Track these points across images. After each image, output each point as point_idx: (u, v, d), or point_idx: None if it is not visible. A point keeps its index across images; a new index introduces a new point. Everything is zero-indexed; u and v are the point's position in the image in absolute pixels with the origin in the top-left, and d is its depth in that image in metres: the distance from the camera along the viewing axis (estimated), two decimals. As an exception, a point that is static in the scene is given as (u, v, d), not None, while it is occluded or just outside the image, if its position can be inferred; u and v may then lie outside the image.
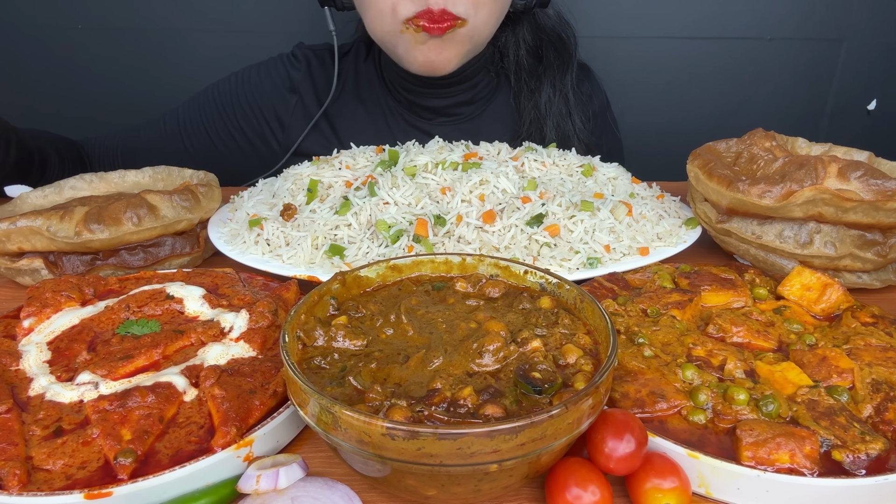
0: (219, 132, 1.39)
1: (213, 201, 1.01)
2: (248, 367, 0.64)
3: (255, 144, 1.40)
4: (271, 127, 1.38)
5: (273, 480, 0.53)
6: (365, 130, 1.36)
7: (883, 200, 0.81)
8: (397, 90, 1.34)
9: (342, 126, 1.37)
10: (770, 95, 1.93)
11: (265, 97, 1.37)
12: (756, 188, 0.85)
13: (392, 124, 1.36)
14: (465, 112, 1.36)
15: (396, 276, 0.71)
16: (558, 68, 1.35)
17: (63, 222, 0.87)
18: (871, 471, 0.53)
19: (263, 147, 1.40)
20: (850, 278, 0.89)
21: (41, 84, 1.82)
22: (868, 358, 0.66)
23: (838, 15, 1.83)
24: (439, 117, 1.36)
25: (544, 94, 1.34)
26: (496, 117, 1.38)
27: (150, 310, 0.74)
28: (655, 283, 0.81)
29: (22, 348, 0.68)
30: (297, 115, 1.37)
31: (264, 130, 1.39)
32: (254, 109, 1.37)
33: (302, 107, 1.37)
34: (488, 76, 1.36)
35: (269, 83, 1.37)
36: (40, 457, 0.54)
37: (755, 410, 0.58)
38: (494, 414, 0.50)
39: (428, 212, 0.91)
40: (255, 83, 1.37)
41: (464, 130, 1.35)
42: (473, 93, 1.34)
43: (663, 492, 0.52)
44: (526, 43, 1.35)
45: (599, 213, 0.93)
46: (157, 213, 0.91)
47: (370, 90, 1.37)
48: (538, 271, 0.69)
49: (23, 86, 1.82)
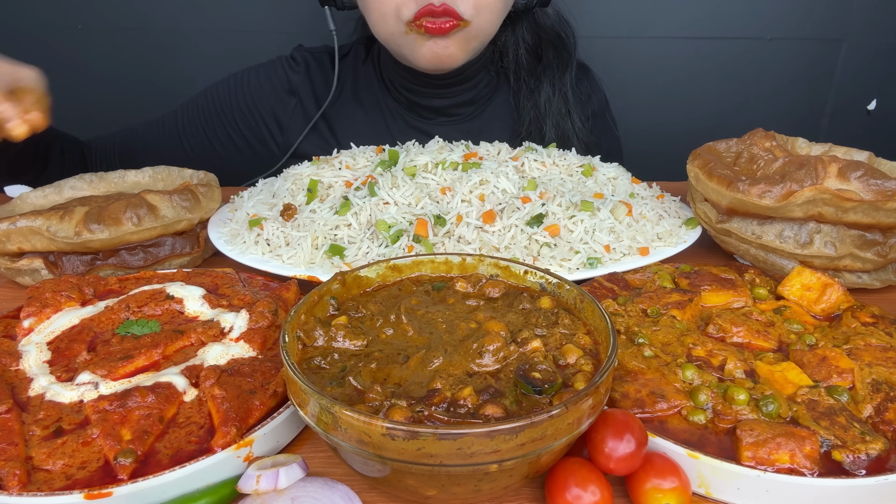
0: (217, 134, 1.39)
1: (213, 201, 1.01)
2: (248, 368, 0.64)
3: (254, 146, 1.40)
4: (270, 129, 1.39)
5: (273, 480, 0.53)
6: (364, 132, 1.36)
7: (883, 200, 0.81)
8: (398, 90, 1.34)
9: (341, 127, 1.37)
10: (770, 95, 1.93)
11: (264, 99, 1.37)
12: (756, 188, 0.85)
13: (391, 125, 1.37)
14: (465, 112, 1.36)
15: (396, 276, 0.71)
16: (557, 67, 1.35)
17: (63, 222, 0.87)
18: (871, 471, 0.53)
19: (262, 149, 1.40)
20: (850, 278, 0.89)
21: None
22: (868, 358, 0.66)
23: (838, 15, 1.83)
24: (439, 117, 1.36)
25: (544, 94, 1.34)
26: (496, 117, 1.38)
27: (150, 310, 0.74)
28: (655, 283, 0.81)
29: (22, 348, 0.68)
30: (296, 118, 1.37)
31: (263, 132, 1.39)
32: (252, 111, 1.38)
33: (301, 109, 1.37)
34: (488, 76, 1.36)
35: (267, 85, 1.38)
36: (40, 457, 0.54)
37: (755, 410, 0.58)
38: (494, 414, 0.50)
39: (428, 212, 0.91)
40: (253, 85, 1.38)
41: (464, 130, 1.35)
42: (474, 92, 1.35)
43: (663, 492, 0.52)
44: (525, 42, 1.35)
45: (599, 213, 0.93)
46: (157, 212, 0.91)
47: (369, 92, 1.38)
48: (538, 271, 0.69)
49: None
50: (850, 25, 1.84)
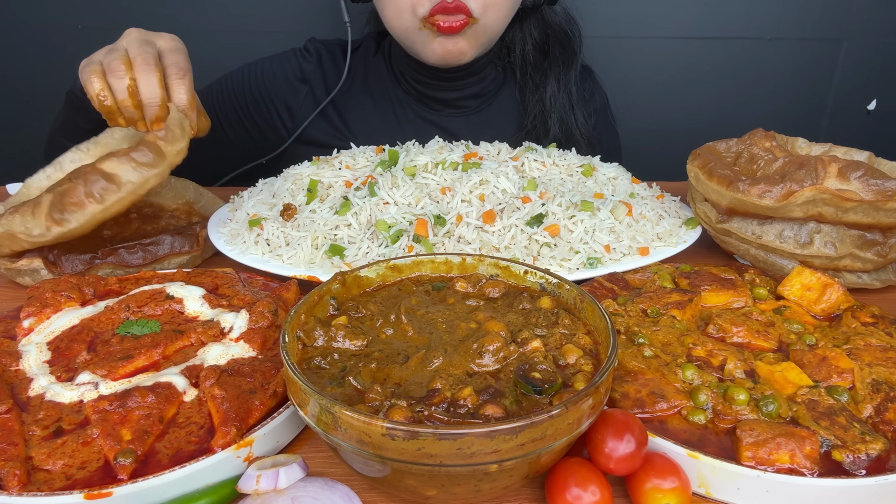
0: (230, 120, 1.41)
1: (177, 142, 0.88)
2: (248, 368, 0.64)
3: (265, 132, 1.42)
4: (281, 116, 1.41)
5: (273, 480, 0.53)
6: (373, 121, 1.39)
7: (883, 200, 0.81)
8: (407, 82, 1.38)
9: (350, 116, 1.40)
10: (770, 95, 1.93)
11: (277, 87, 1.40)
12: (756, 188, 0.85)
13: (400, 115, 1.40)
14: (472, 105, 1.40)
15: (396, 276, 0.71)
16: (563, 64, 1.38)
17: (35, 218, 0.81)
18: (871, 471, 0.53)
19: (273, 135, 1.42)
20: (850, 278, 0.89)
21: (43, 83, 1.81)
22: (868, 358, 0.66)
23: (838, 15, 1.83)
24: (447, 109, 1.39)
25: (549, 89, 1.37)
26: (502, 110, 1.42)
27: (150, 310, 0.74)
28: (655, 283, 0.81)
29: (22, 348, 0.68)
30: (307, 105, 1.40)
31: (274, 119, 1.41)
32: (265, 98, 1.40)
33: (312, 97, 1.40)
34: (495, 70, 1.40)
35: (280, 74, 1.40)
36: (40, 457, 0.54)
37: (755, 410, 0.58)
38: (494, 414, 0.50)
39: (428, 212, 0.91)
40: (267, 73, 1.40)
41: (471, 122, 1.39)
42: (482, 86, 1.38)
43: (663, 492, 0.52)
44: (533, 39, 1.39)
45: (599, 213, 0.93)
46: (118, 181, 0.82)
47: (379, 83, 1.41)
48: (538, 271, 0.69)
49: (24, 85, 1.83)
50: (850, 25, 1.84)
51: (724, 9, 1.82)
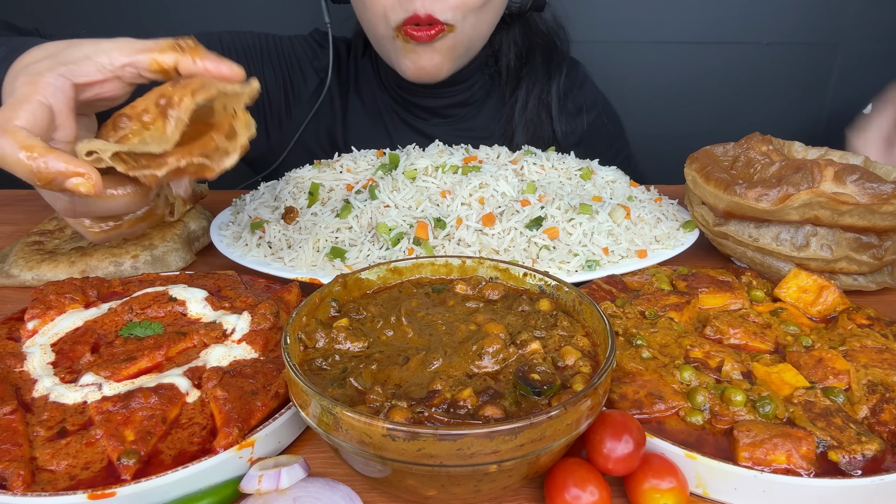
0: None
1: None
2: (250, 369, 0.64)
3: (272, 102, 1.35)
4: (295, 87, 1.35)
5: (275, 481, 0.53)
6: (363, 125, 1.36)
7: (878, 204, 0.82)
8: (392, 88, 1.34)
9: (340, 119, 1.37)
10: (767, 99, 1.94)
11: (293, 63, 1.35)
12: (753, 191, 0.86)
13: (388, 121, 1.37)
14: (459, 113, 1.36)
15: (397, 278, 0.71)
16: (543, 73, 1.35)
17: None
18: (866, 471, 0.54)
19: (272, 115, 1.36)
20: (846, 281, 0.90)
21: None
22: (864, 359, 0.66)
23: (834, 20, 1.84)
24: (434, 117, 1.36)
25: (520, 99, 1.33)
26: (492, 118, 1.39)
27: (153, 312, 0.74)
28: (653, 285, 0.81)
29: (26, 350, 0.69)
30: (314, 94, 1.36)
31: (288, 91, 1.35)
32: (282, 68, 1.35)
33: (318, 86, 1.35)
34: (483, 78, 1.36)
35: (299, 52, 1.36)
36: (44, 457, 0.54)
37: (752, 411, 0.59)
38: (494, 415, 0.51)
39: (428, 215, 0.91)
40: (286, 47, 1.35)
41: (459, 130, 1.36)
42: (468, 94, 1.34)
43: (661, 492, 0.53)
44: (517, 45, 1.35)
45: (598, 216, 0.94)
46: None
47: (367, 86, 1.38)
48: (537, 274, 0.69)
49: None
50: (846, 30, 1.85)
51: (721, 14, 1.83)
